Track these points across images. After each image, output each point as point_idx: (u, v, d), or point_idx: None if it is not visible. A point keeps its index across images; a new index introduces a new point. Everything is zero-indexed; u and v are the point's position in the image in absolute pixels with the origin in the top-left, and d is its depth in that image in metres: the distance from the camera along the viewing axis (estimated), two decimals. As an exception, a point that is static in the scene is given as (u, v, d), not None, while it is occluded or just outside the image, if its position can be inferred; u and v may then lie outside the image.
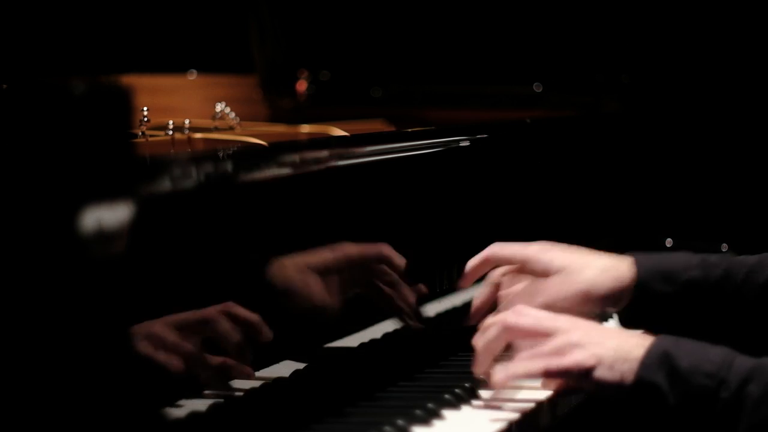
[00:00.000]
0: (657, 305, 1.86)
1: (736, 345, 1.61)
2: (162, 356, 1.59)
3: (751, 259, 1.90)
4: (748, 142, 3.33)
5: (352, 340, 1.97)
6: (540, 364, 1.63)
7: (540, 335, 1.65)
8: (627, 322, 1.90)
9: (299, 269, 1.82)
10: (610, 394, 1.60)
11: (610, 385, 1.59)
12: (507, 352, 1.73)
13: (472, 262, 1.94)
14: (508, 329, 1.68)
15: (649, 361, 1.57)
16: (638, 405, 1.58)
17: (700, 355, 1.56)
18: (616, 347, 1.60)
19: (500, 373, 1.65)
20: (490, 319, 1.72)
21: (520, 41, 3.38)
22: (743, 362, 1.56)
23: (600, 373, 1.59)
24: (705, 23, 3.36)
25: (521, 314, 1.70)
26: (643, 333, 1.69)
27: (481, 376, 1.72)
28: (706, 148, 3.32)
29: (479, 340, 1.70)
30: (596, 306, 1.87)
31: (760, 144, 3.31)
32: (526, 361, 1.64)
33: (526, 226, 2.55)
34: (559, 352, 1.62)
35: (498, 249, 1.93)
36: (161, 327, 1.59)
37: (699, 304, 1.88)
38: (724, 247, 2.95)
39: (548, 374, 1.64)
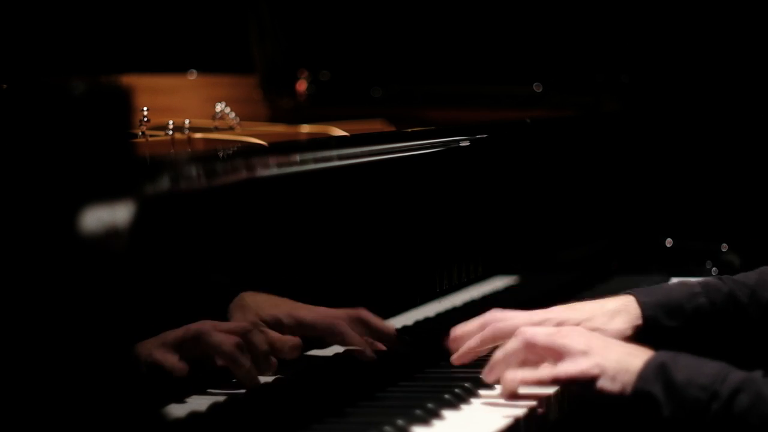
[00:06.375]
0: (665, 339, 1.87)
1: (743, 364, 1.64)
2: (163, 357, 1.59)
3: (751, 278, 1.94)
4: (748, 141, 3.33)
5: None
6: (549, 372, 1.69)
7: (555, 353, 1.69)
8: None
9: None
10: (610, 402, 1.65)
11: (612, 394, 1.64)
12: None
13: (471, 343, 1.83)
14: (527, 344, 1.72)
15: (646, 372, 1.62)
16: (636, 413, 1.63)
17: (695, 369, 1.61)
18: (618, 359, 1.65)
19: (510, 375, 1.70)
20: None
21: (520, 41, 3.38)
22: (736, 375, 1.60)
23: (603, 384, 1.64)
24: (705, 23, 3.36)
25: (537, 331, 1.73)
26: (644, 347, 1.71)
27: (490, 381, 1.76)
28: (706, 147, 3.32)
29: (498, 351, 1.75)
30: None
31: (760, 144, 3.31)
32: (536, 370, 1.71)
33: (526, 226, 2.55)
34: (567, 359, 1.68)
35: (498, 326, 1.82)
36: (164, 332, 1.60)
37: (706, 330, 1.91)
38: (724, 247, 2.95)
39: (556, 382, 1.70)
